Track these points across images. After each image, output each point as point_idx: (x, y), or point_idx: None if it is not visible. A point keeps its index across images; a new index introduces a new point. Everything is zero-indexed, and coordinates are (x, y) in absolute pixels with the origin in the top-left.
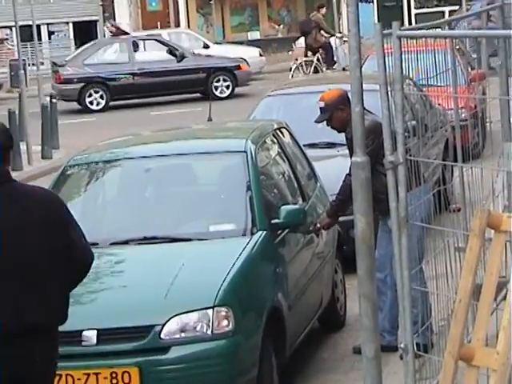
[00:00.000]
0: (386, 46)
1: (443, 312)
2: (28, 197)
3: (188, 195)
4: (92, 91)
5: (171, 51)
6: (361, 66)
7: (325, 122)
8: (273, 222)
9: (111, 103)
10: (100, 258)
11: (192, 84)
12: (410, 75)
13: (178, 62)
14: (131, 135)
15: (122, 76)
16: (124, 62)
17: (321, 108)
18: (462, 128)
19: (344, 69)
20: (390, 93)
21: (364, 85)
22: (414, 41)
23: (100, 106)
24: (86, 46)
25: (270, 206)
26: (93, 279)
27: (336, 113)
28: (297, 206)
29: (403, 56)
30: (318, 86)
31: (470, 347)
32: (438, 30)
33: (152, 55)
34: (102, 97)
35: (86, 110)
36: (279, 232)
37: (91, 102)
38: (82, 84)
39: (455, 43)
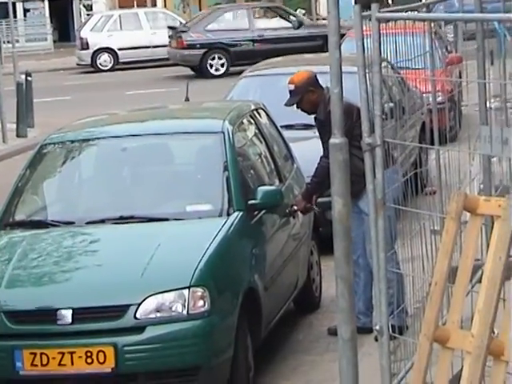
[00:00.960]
0: (364, 28)
1: (418, 294)
2: None
3: (165, 175)
4: (215, 56)
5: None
6: (340, 48)
7: (295, 105)
8: (249, 202)
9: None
10: (75, 236)
11: (310, 51)
12: (388, 57)
13: (296, 29)
14: (106, 114)
15: (243, 42)
16: (244, 29)
17: (290, 91)
18: (439, 111)
19: None
20: (367, 75)
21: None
22: (392, 23)
23: (220, 72)
24: (205, 11)
25: (247, 186)
26: (66, 258)
27: (306, 95)
28: (274, 187)
29: (381, 38)
30: (295, 68)
31: (445, 329)
32: (416, 13)
33: (271, 22)
34: (222, 64)
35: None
36: (256, 213)
37: (211, 66)
38: (205, 50)
39: (433, 26)
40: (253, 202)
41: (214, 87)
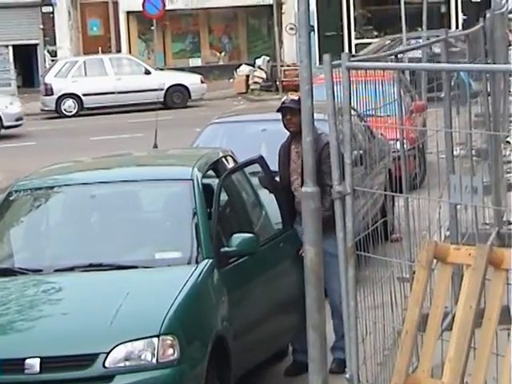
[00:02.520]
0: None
1: (387, 342)
2: None
3: (134, 222)
4: None
5: None
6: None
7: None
8: (222, 250)
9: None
10: (43, 284)
11: None
12: (354, 105)
13: None
14: (73, 161)
15: None
16: None
17: (293, 100)
18: (405, 158)
19: None
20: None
21: None
22: (358, 71)
23: None
24: None
25: (220, 234)
26: (34, 306)
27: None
28: (249, 235)
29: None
30: (262, 115)
31: (416, 378)
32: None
33: None
34: None
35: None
36: (232, 260)
37: None
38: None
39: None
40: (226, 249)
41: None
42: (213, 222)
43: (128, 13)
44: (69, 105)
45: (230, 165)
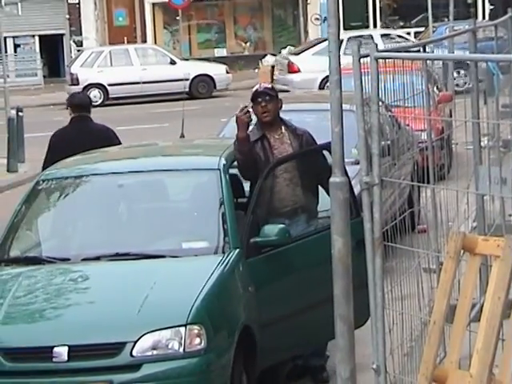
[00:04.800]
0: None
1: (413, 333)
2: None
3: (161, 212)
4: None
5: None
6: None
7: (266, 97)
8: (252, 240)
9: None
10: (70, 273)
11: None
12: (381, 96)
13: None
14: (100, 151)
15: None
16: None
17: (267, 87)
18: (432, 149)
19: None
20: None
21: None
22: (385, 62)
23: None
24: None
25: (253, 223)
26: (62, 295)
27: (278, 99)
28: (280, 225)
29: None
30: (291, 105)
31: (444, 369)
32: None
33: None
34: None
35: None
36: (265, 250)
37: None
38: None
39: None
40: (256, 239)
41: None
42: (248, 212)
43: (154, 3)
44: (94, 95)
45: None
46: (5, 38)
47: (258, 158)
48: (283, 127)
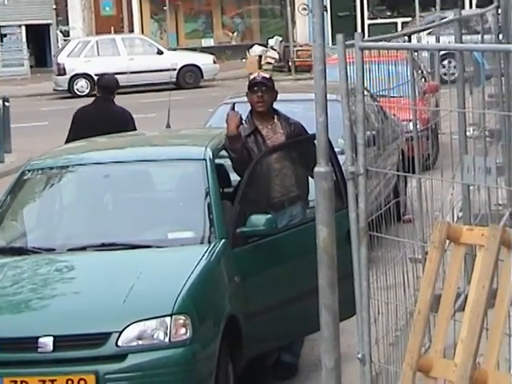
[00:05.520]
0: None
1: (398, 322)
2: None
3: (147, 202)
4: None
5: None
6: (325, 77)
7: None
8: (238, 230)
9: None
10: (55, 263)
11: None
12: (367, 86)
13: None
14: (86, 141)
15: None
16: None
17: (265, 77)
18: (418, 139)
19: None
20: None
21: None
22: (371, 51)
23: None
24: None
25: (239, 214)
26: (47, 285)
27: (274, 92)
28: (267, 215)
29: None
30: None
31: (428, 358)
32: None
33: None
34: None
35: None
36: (251, 240)
37: None
38: None
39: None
40: (242, 229)
41: None
42: (235, 202)
43: None
44: (81, 85)
45: None
46: None
47: (252, 152)
48: (276, 117)
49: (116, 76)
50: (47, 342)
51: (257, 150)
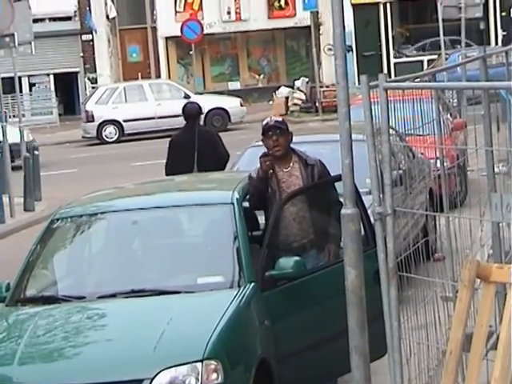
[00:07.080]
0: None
1: (431, 362)
2: None
3: (175, 247)
4: None
5: None
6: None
7: (278, 131)
8: (267, 273)
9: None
10: (86, 311)
11: None
12: (393, 124)
13: None
14: (115, 188)
15: None
16: None
17: (277, 121)
18: (445, 177)
19: None
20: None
21: None
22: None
23: None
24: None
25: (268, 257)
26: (78, 333)
27: (288, 132)
28: (295, 258)
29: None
30: (304, 137)
31: None
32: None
33: None
34: None
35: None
36: (281, 283)
37: None
38: None
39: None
40: (271, 272)
41: None
42: (263, 246)
43: (167, 38)
44: (110, 131)
45: None
46: (20, 78)
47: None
48: (294, 158)
49: (144, 121)
50: None
51: (270, 189)
